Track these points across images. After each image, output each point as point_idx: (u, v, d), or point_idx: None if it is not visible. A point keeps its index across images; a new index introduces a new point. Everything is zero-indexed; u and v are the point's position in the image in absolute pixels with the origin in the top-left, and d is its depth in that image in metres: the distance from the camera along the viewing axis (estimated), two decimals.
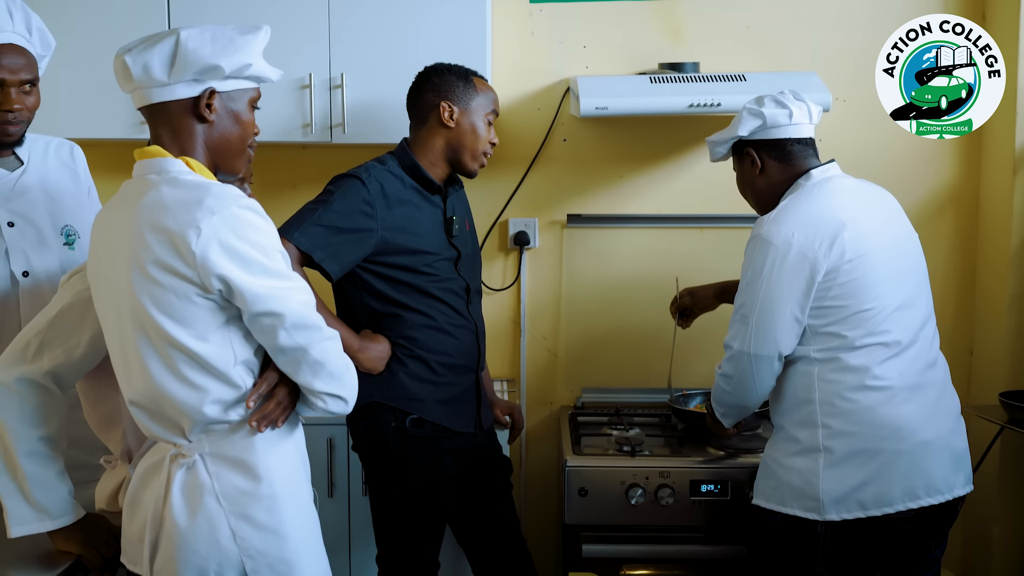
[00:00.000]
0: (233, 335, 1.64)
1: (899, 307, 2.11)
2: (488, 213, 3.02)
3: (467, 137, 2.32)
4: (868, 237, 2.10)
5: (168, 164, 1.64)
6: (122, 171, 1.72)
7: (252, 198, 1.76)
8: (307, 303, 1.66)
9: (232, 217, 1.57)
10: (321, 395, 1.68)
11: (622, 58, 2.97)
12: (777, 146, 2.22)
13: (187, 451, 1.67)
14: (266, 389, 1.67)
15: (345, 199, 2.19)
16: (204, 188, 1.60)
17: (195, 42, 1.62)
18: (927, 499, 2.09)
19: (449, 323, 2.32)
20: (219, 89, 1.66)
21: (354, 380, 1.73)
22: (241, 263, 1.58)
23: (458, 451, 2.34)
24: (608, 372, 3.07)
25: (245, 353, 1.66)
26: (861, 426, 2.08)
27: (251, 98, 1.73)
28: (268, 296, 1.60)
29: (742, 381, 2.18)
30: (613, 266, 3.03)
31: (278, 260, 1.63)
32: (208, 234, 1.55)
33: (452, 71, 2.34)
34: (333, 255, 2.17)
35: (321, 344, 1.66)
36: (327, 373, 1.67)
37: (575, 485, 2.48)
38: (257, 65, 1.69)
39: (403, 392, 2.26)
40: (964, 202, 3.01)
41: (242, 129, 1.71)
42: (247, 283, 1.58)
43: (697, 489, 2.47)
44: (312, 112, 2.67)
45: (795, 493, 2.12)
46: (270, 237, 1.63)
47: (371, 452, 2.31)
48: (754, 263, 2.14)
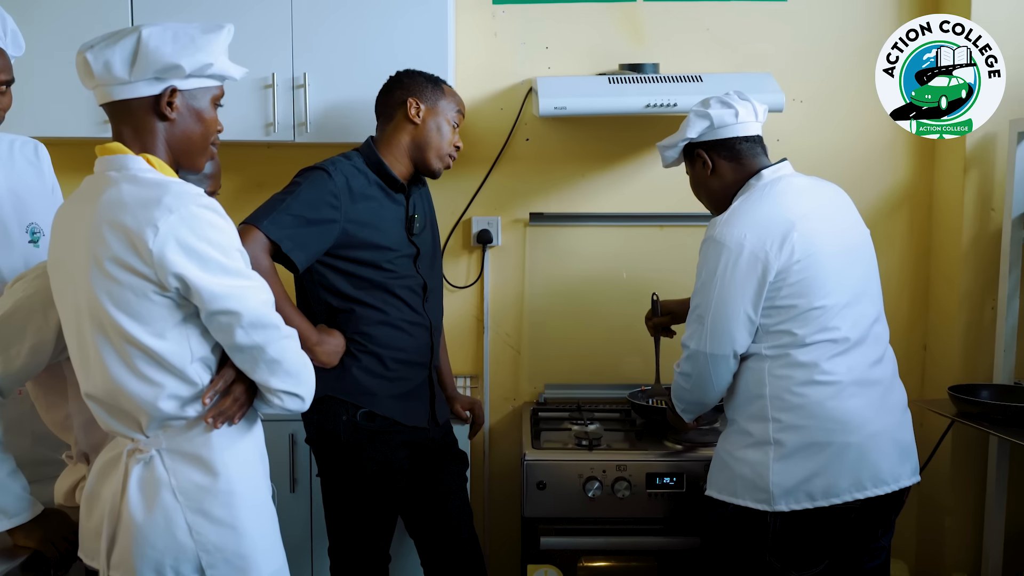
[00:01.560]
0: (190, 332, 1.66)
1: (848, 303, 2.15)
2: (451, 212, 3.05)
3: (432, 135, 2.36)
4: (817, 236, 2.14)
5: (128, 161, 1.66)
6: (86, 169, 1.74)
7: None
8: (265, 302, 1.67)
9: (190, 216, 1.59)
10: (278, 393, 1.70)
11: (584, 59, 3.00)
12: (726, 145, 2.27)
13: (144, 446, 1.69)
14: (222, 386, 1.69)
15: (312, 190, 2.23)
16: (163, 186, 1.61)
17: (157, 40, 1.63)
18: (874, 490, 2.14)
19: (404, 320, 2.35)
20: (181, 87, 1.67)
21: (311, 378, 1.75)
22: (199, 262, 1.59)
23: (411, 444, 2.38)
24: (570, 368, 3.10)
25: (202, 350, 1.67)
26: (810, 420, 2.12)
27: (214, 96, 1.74)
28: (225, 295, 1.61)
29: (700, 379, 2.22)
30: (575, 264, 3.07)
31: (236, 259, 1.65)
32: (166, 232, 1.57)
33: (423, 75, 2.41)
34: (301, 245, 2.19)
35: (278, 343, 1.67)
36: (284, 371, 1.69)
37: (533, 479, 2.52)
38: (219, 64, 1.70)
39: (355, 386, 2.30)
40: (918, 201, 3.06)
41: (204, 127, 1.73)
42: (204, 282, 1.60)
43: (653, 482, 2.52)
44: (275, 112, 2.69)
45: (747, 485, 2.16)
46: (229, 236, 1.64)
47: (323, 445, 2.35)
48: (708, 264, 2.18)
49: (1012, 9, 2.80)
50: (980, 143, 2.85)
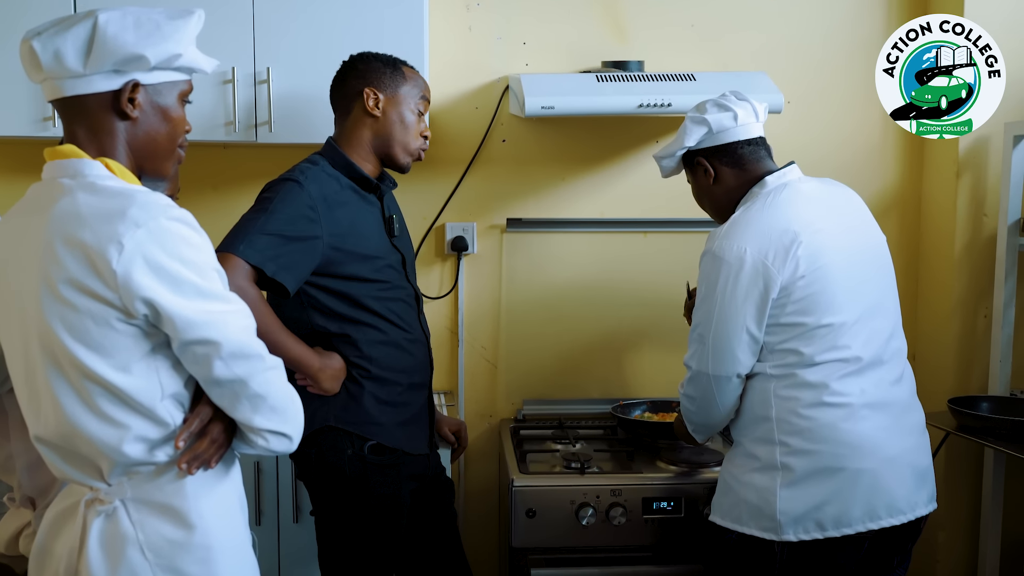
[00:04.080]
0: (160, 365, 1.44)
1: (860, 319, 2.03)
2: (424, 217, 2.87)
3: (395, 128, 2.14)
4: (826, 247, 2.02)
5: (84, 166, 1.44)
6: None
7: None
8: (246, 328, 1.48)
9: (161, 230, 1.38)
10: (262, 433, 1.49)
11: (564, 55, 2.85)
12: (727, 151, 2.13)
13: (106, 496, 1.47)
14: (198, 427, 1.48)
15: (288, 205, 1.98)
16: (127, 196, 1.40)
17: (116, 27, 1.42)
18: (888, 519, 2.02)
19: (403, 338, 2.15)
20: (144, 82, 1.46)
21: (299, 413, 1.54)
22: (171, 284, 1.38)
23: (415, 476, 2.18)
24: (550, 382, 2.95)
25: (174, 385, 1.47)
26: (819, 444, 2.00)
27: (181, 91, 1.53)
28: (202, 322, 1.41)
29: (705, 401, 2.10)
30: (555, 272, 2.92)
31: (214, 280, 1.44)
32: (132, 250, 1.36)
33: (379, 58, 2.17)
34: (287, 266, 1.95)
35: (262, 375, 1.47)
36: (269, 407, 1.49)
37: (522, 506, 2.35)
38: (188, 54, 1.49)
39: (362, 416, 2.08)
40: (907, 206, 2.98)
41: (171, 127, 1.51)
42: (178, 307, 1.39)
43: (649, 507, 2.37)
44: (235, 109, 2.48)
45: (752, 512, 2.04)
46: (205, 253, 1.44)
47: (324, 481, 2.10)
48: (708, 280, 2.05)
49: (1005, 11, 2.74)
50: (973, 146, 2.77)
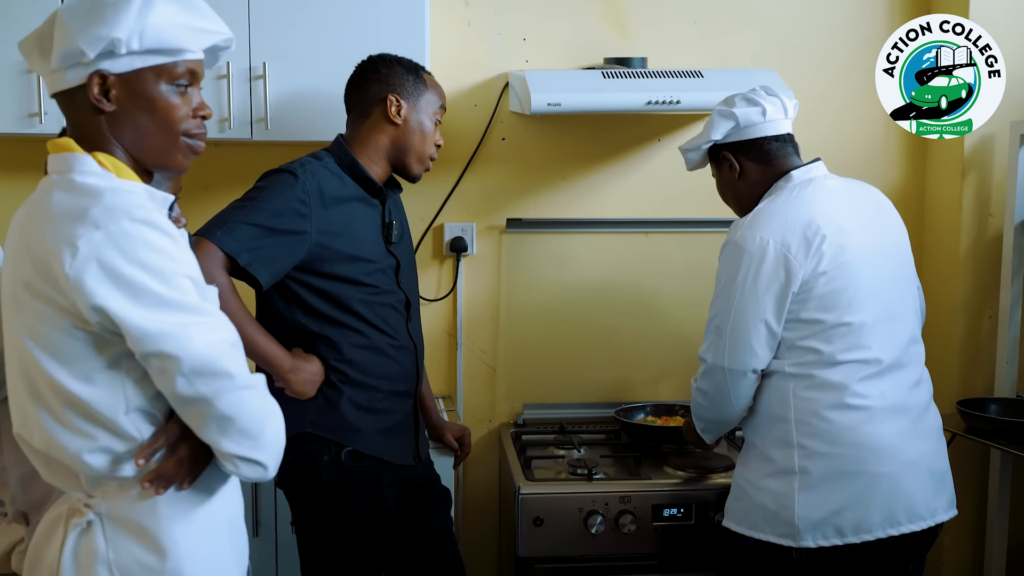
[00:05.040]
0: (126, 376, 1.34)
1: (880, 321, 1.99)
2: (422, 217, 2.80)
3: (414, 137, 2.10)
4: (850, 245, 1.98)
5: (75, 161, 1.35)
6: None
7: (181, 220, 1.50)
8: (217, 343, 1.33)
9: (122, 233, 1.27)
10: (231, 458, 1.36)
11: (565, 52, 2.79)
12: (754, 146, 2.08)
13: (84, 507, 1.37)
14: (163, 444, 1.36)
15: (277, 196, 1.95)
16: (94, 195, 1.31)
17: (68, 17, 1.33)
18: (908, 525, 1.98)
19: (388, 343, 2.09)
20: (112, 71, 1.34)
21: (276, 440, 1.40)
22: (128, 291, 1.27)
23: (399, 484, 2.11)
24: (550, 386, 2.89)
25: (139, 399, 1.35)
26: (839, 447, 1.96)
27: (168, 75, 1.37)
28: (159, 333, 1.28)
29: (718, 396, 2.04)
30: (555, 273, 2.86)
31: (183, 289, 1.31)
32: (86, 254, 1.26)
33: (401, 63, 2.13)
34: (263, 259, 1.91)
35: (231, 395, 1.33)
36: (238, 431, 1.34)
37: (529, 514, 2.29)
38: (159, 34, 1.34)
39: (339, 422, 2.02)
40: (910, 205, 2.94)
41: (161, 116, 1.38)
42: (133, 317, 1.27)
43: (659, 514, 2.31)
44: (230, 105, 2.39)
45: (768, 517, 2.00)
46: (173, 260, 1.31)
47: (300, 489, 2.05)
48: (727, 270, 2.01)
49: (1009, 9, 2.71)
50: (978, 145, 2.74)
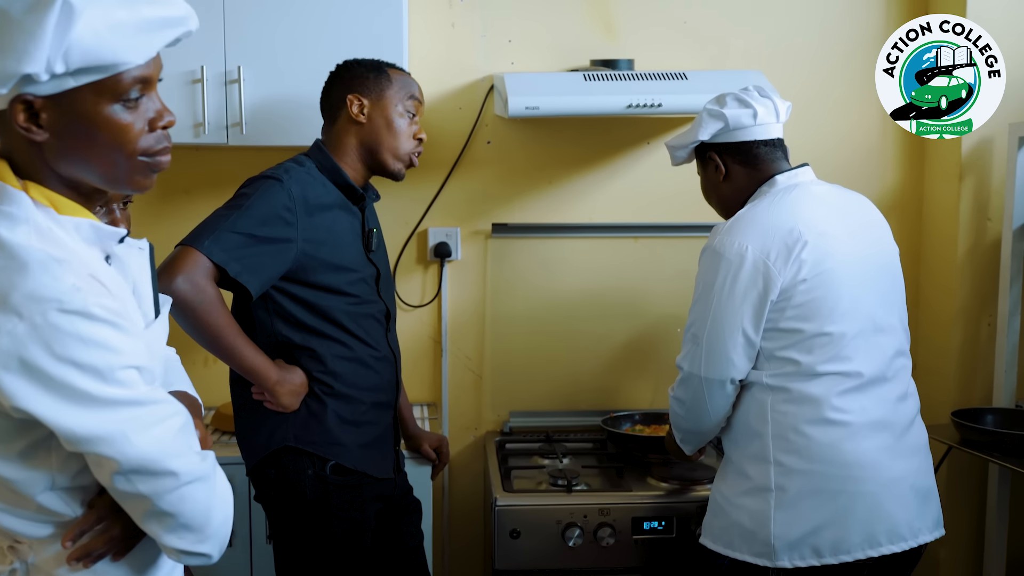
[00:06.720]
0: (53, 457, 1.18)
1: (862, 332, 1.92)
2: (405, 222, 2.76)
3: (381, 134, 2.05)
4: (833, 253, 1.91)
5: (4, 197, 1.14)
6: None
7: (123, 226, 1.41)
8: (159, 439, 1.17)
9: (49, 328, 1.08)
10: (173, 551, 1.23)
11: (551, 54, 2.74)
12: (742, 149, 2.02)
13: (10, 550, 1.24)
14: (92, 523, 1.23)
15: (264, 203, 1.90)
16: (19, 267, 1.09)
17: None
18: (889, 546, 1.91)
19: (370, 355, 2.04)
20: (38, 93, 1.12)
21: (223, 527, 1.26)
22: (57, 393, 1.10)
23: (380, 497, 2.07)
24: (537, 394, 2.84)
25: (66, 479, 1.20)
26: (817, 464, 1.89)
27: (112, 92, 1.15)
28: (95, 437, 1.13)
29: (695, 405, 1.99)
30: (542, 279, 2.81)
31: (122, 383, 1.14)
32: (7, 349, 1.07)
33: (362, 63, 2.09)
34: (252, 268, 1.86)
35: (173, 493, 1.18)
36: (180, 526, 1.21)
37: (506, 526, 2.24)
38: (88, 47, 1.10)
39: (324, 436, 1.97)
40: (907, 209, 2.87)
41: (108, 139, 1.16)
42: (62, 420, 1.11)
43: (640, 527, 2.26)
44: (205, 110, 2.36)
45: (744, 536, 1.94)
46: (114, 352, 1.13)
47: (282, 503, 1.99)
48: (705, 277, 1.96)
49: (1005, 10, 2.64)
50: (977, 148, 2.67)
